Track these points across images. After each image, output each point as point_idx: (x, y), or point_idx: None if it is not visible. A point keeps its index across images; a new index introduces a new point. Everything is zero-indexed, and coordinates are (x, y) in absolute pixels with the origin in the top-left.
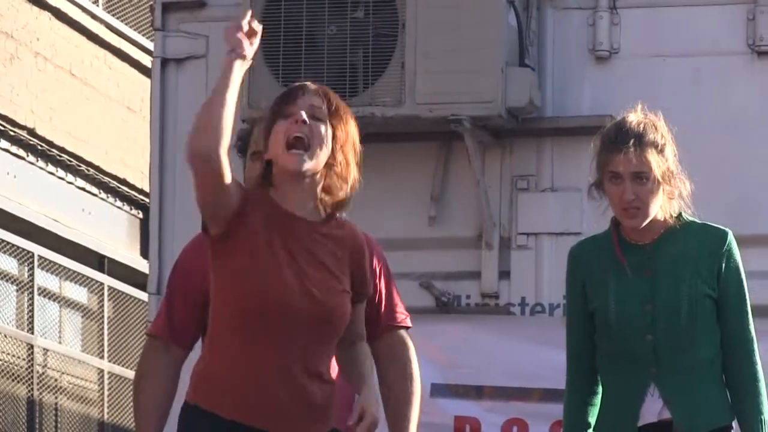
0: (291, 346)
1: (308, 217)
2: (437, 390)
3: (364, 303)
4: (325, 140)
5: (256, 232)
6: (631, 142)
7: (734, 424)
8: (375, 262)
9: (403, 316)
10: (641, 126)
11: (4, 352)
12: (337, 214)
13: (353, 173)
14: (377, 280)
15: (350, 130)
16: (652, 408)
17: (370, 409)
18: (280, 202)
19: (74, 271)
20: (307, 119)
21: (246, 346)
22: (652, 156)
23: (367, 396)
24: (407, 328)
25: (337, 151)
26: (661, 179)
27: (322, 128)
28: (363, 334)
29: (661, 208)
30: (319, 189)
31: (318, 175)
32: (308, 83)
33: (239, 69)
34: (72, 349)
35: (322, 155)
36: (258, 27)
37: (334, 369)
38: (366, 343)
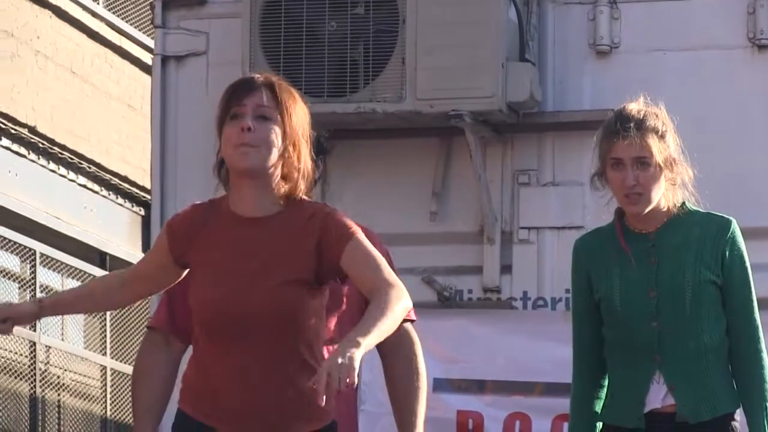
0: (255, 350)
1: (265, 214)
2: (439, 385)
3: (355, 264)
4: (274, 140)
5: (207, 247)
6: (632, 127)
7: (738, 411)
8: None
9: None
10: (642, 113)
11: (6, 350)
12: (295, 198)
13: (305, 160)
14: None
15: (300, 120)
16: (658, 394)
17: (326, 366)
18: (235, 204)
19: (76, 268)
20: (252, 126)
21: (213, 354)
22: (653, 141)
23: (337, 350)
24: (412, 321)
25: (289, 143)
26: (662, 165)
27: (271, 129)
28: (376, 286)
29: (664, 196)
30: (276, 182)
31: (272, 170)
32: (255, 76)
33: None
34: (74, 346)
35: (273, 155)
36: None
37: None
38: (382, 291)
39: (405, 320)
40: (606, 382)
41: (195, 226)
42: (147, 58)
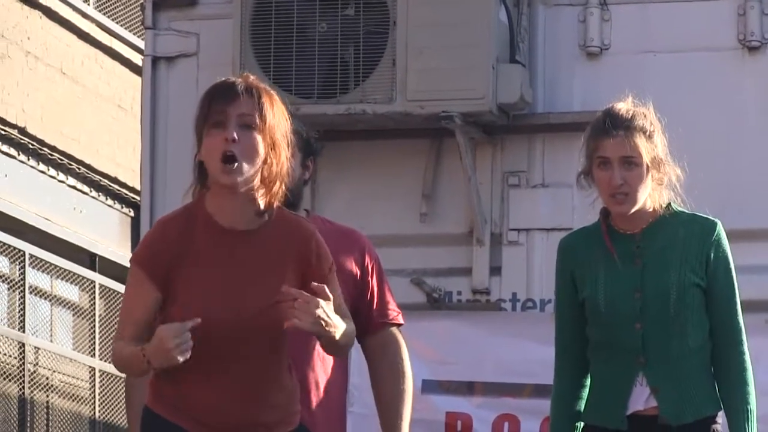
0: (248, 367)
1: (247, 226)
2: (428, 386)
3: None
4: (258, 149)
5: (191, 263)
6: (620, 126)
7: (720, 413)
8: (366, 259)
9: (395, 313)
10: (630, 113)
11: None
12: (274, 208)
13: (285, 165)
14: (369, 278)
15: (280, 123)
16: (640, 396)
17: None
18: (216, 212)
19: (65, 270)
20: (236, 137)
21: (201, 371)
22: (640, 141)
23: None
24: (399, 325)
25: (269, 148)
26: (650, 165)
27: (254, 138)
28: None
29: (650, 196)
30: (256, 189)
31: (254, 178)
32: (236, 81)
33: None
34: (63, 347)
35: (256, 165)
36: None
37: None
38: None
39: (392, 324)
40: (588, 382)
41: (170, 246)
42: (137, 59)
